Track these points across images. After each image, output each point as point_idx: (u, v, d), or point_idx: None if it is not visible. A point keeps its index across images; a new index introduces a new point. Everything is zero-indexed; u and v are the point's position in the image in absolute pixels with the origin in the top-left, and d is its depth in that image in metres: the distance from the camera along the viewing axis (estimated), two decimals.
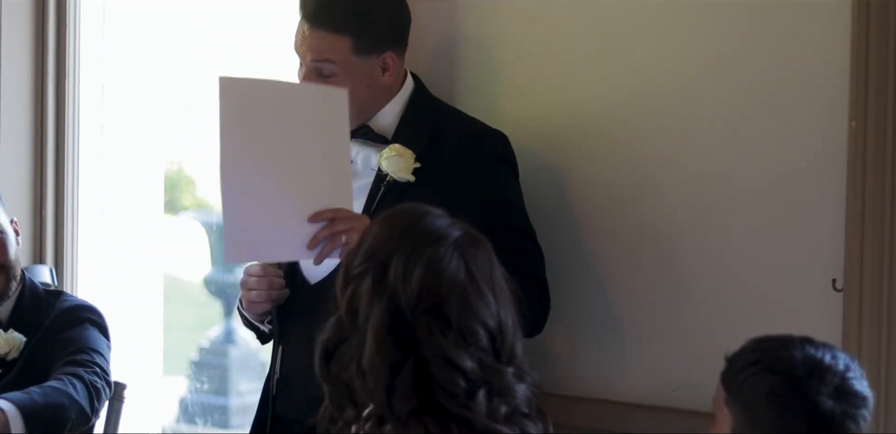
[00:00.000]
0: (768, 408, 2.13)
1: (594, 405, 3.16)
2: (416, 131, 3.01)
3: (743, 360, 2.19)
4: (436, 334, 1.98)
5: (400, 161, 2.95)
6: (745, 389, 2.16)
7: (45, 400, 3.07)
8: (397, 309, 2.00)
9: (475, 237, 2.08)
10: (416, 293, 2.00)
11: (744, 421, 2.17)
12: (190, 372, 5.31)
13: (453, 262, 2.02)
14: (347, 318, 2.03)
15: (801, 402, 2.12)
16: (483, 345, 2.01)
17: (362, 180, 3.02)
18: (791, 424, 2.12)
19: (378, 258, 2.03)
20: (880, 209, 2.76)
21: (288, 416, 3.07)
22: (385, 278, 2.01)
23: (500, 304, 2.04)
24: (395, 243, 2.03)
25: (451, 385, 1.98)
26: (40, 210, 4.19)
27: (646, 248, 3.10)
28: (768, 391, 2.13)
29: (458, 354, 1.99)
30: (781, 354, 2.16)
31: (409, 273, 2.00)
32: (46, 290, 3.46)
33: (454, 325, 1.99)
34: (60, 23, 4.19)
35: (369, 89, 3.01)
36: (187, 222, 5.21)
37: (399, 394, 1.98)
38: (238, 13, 4.53)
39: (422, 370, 1.99)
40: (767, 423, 2.13)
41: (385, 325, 1.99)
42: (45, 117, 4.19)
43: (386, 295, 2.00)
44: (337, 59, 2.96)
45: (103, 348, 3.32)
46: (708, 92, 3.02)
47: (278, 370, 3.06)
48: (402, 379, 1.98)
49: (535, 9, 3.24)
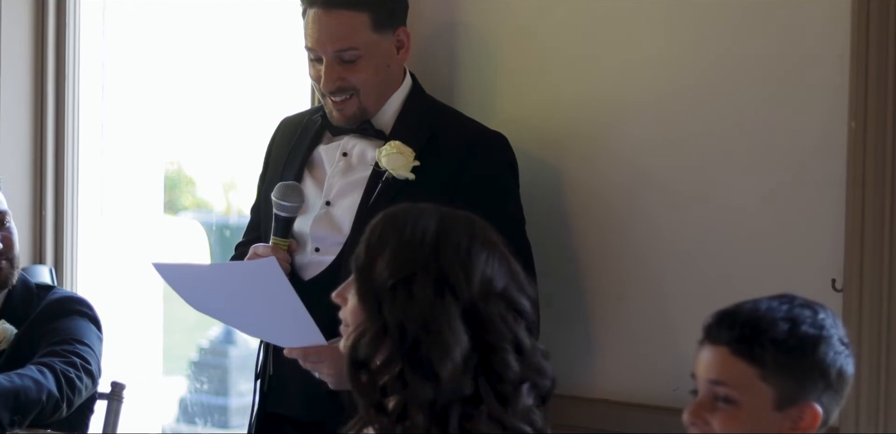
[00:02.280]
0: (810, 357, 2.11)
1: (594, 405, 3.16)
2: (415, 129, 3.01)
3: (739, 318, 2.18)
4: (508, 318, 2.08)
5: (400, 158, 2.95)
6: (793, 357, 2.13)
7: (11, 385, 3.07)
8: (463, 302, 2.06)
9: (477, 219, 2.16)
10: (480, 285, 2.06)
11: (793, 386, 2.11)
12: (190, 372, 5.31)
13: (490, 248, 2.10)
14: (396, 325, 2.06)
15: (828, 337, 2.11)
16: (531, 318, 2.12)
17: (357, 174, 3.03)
18: (839, 363, 2.11)
19: (420, 261, 2.07)
20: (880, 209, 2.76)
21: (281, 413, 3.07)
22: (440, 277, 2.06)
23: (528, 273, 2.16)
24: (431, 243, 2.08)
25: (507, 369, 2.05)
26: (40, 210, 4.20)
27: (646, 247, 3.11)
28: (813, 343, 2.11)
29: (522, 333, 2.09)
30: (759, 311, 2.15)
31: (466, 268, 2.06)
32: (38, 284, 3.46)
33: (515, 305, 2.09)
34: (60, 23, 4.19)
35: (388, 69, 3.03)
36: (187, 222, 5.20)
37: (460, 383, 2.03)
38: (238, 13, 4.53)
39: (483, 359, 2.06)
40: (826, 373, 2.11)
41: (458, 319, 2.05)
42: (44, 117, 4.19)
43: (447, 292, 2.06)
44: (358, 41, 2.97)
45: (91, 339, 3.30)
46: (708, 91, 3.02)
47: (271, 368, 3.07)
48: (468, 368, 2.04)
49: (535, 7, 3.24)
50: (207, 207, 5.18)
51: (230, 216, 5.20)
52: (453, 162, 2.97)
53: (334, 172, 3.05)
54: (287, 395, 3.04)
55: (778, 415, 2.11)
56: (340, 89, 2.99)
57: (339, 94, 3.00)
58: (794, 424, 2.11)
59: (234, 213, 5.18)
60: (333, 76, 2.99)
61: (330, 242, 3.01)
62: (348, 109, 3.01)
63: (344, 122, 3.03)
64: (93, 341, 3.31)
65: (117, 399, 3.43)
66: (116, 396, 3.43)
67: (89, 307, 3.39)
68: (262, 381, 3.08)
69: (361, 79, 2.99)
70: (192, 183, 5.18)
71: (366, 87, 3.00)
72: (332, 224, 3.03)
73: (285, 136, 3.18)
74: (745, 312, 2.16)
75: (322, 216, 3.04)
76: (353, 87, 2.99)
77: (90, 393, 3.29)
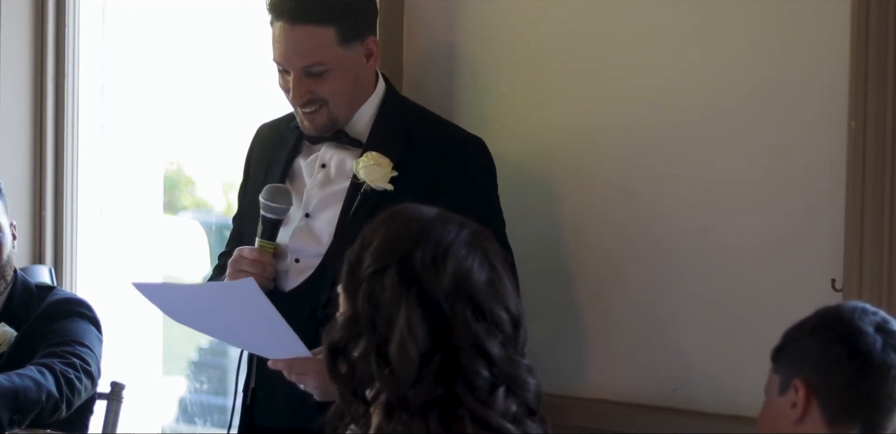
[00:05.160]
0: (812, 342, 2.17)
1: (594, 405, 3.16)
2: (391, 136, 2.99)
3: (790, 328, 2.24)
4: (472, 323, 2.02)
5: (377, 170, 2.93)
6: (790, 343, 2.21)
7: (11, 385, 3.07)
8: (429, 299, 2.02)
9: (484, 230, 2.13)
10: (449, 284, 2.03)
11: (790, 368, 2.19)
12: (189, 372, 5.30)
13: (478, 254, 2.06)
14: (366, 316, 2.04)
15: (843, 328, 2.16)
16: (508, 332, 2.06)
17: (336, 186, 3.01)
18: (834, 351, 2.15)
19: (398, 253, 2.05)
20: (880, 209, 2.76)
21: (267, 425, 3.06)
22: (412, 270, 2.03)
23: (517, 294, 2.10)
24: (413, 238, 2.06)
25: (476, 376, 2.01)
26: (40, 210, 4.20)
27: (645, 248, 3.10)
28: (812, 327, 2.19)
29: (489, 343, 2.03)
30: (823, 309, 2.23)
31: (438, 265, 2.03)
32: (38, 286, 3.46)
33: (486, 313, 2.04)
34: (60, 23, 4.19)
35: (357, 79, 3.00)
36: (187, 222, 5.20)
37: (424, 383, 2.00)
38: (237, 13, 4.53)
39: (450, 361, 2.02)
40: (814, 356, 2.17)
41: (419, 315, 2.01)
42: (44, 117, 4.19)
43: (415, 286, 2.03)
44: (325, 55, 2.94)
45: (91, 340, 3.31)
46: (707, 93, 3.02)
47: (254, 380, 3.06)
48: (430, 368, 2.01)
49: (534, 16, 3.24)
50: (207, 207, 5.18)
51: (230, 216, 5.20)
52: (431, 169, 2.95)
53: (313, 184, 3.03)
54: (274, 407, 3.03)
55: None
56: (310, 101, 2.97)
57: (308, 105, 2.98)
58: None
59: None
60: (302, 90, 2.96)
61: (310, 254, 2.99)
62: (319, 120, 2.99)
63: (315, 131, 3.01)
64: (92, 343, 3.31)
65: (117, 399, 3.43)
66: (116, 396, 3.43)
67: (89, 309, 3.39)
68: (245, 395, 3.08)
69: (330, 91, 2.96)
70: (191, 183, 5.17)
71: (335, 98, 2.97)
72: (312, 236, 3.01)
73: (263, 145, 3.17)
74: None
75: (302, 228, 3.02)
76: (322, 98, 2.97)
77: (89, 394, 3.29)
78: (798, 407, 2.17)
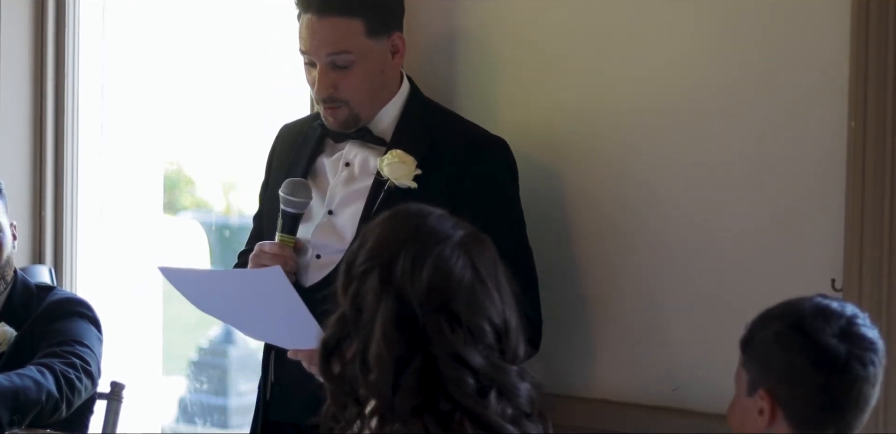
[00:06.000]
0: (776, 349, 2.17)
1: (594, 405, 3.16)
2: (415, 135, 3.00)
3: (756, 318, 2.25)
4: (445, 331, 2.00)
5: (402, 167, 2.94)
6: (757, 340, 2.22)
7: (11, 384, 3.07)
8: (405, 306, 2.02)
9: (480, 237, 2.11)
10: (424, 291, 2.02)
11: (757, 371, 2.20)
12: (189, 372, 5.31)
13: (460, 261, 2.04)
14: (351, 316, 2.04)
15: (805, 339, 2.16)
16: (490, 342, 2.03)
17: (360, 183, 3.02)
18: (797, 362, 2.16)
19: (384, 256, 2.04)
20: (880, 209, 2.76)
21: (283, 420, 3.06)
22: (392, 276, 2.03)
23: (504, 303, 2.07)
24: (400, 242, 2.05)
25: (461, 382, 2.00)
26: (39, 210, 4.19)
27: (645, 248, 3.11)
28: (775, 332, 2.19)
29: (467, 351, 2.01)
30: (790, 303, 2.23)
31: (416, 271, 2.02)
32: (38, 286, 3.46)
33: (463, 322, 2.01)
34: (60, 23, 4.19)
35: (383, 75, 3.02)
36: (186, 222, 5.21)
37: (404, 390, 1.99)
38: (237, 14, 4.53)
39: (429, 368, 2.00)
40: (776, 365, 2.17)
41: (393, 322, 2.01)
42: (44, 117, 4.19)
43: (393, 292, 2.02)
44: (352, 46, 2.96)
45: (91, 340, 3.31)
46: (707, 93, 3.02)
47: (272, 375, 3.07)
48: (407, 375, 1.99)
49: (535, 11, 3.24)
50: (207, 207, 5.19)
51: (230, 216, 5.21)
52: (454, 168, 2.97)
53: (337, 182, 3.04)
54: (289, 401, 3.04)
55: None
56: (332, 98, 2.99)
57: (330, 102, 3.00)
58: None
59: (234, 214, 5.19)
60: (327, 83, 2.97)
61: (332, 250, 3.00)
62: (340, 115, 3.00)
63: (338, 126, 3.03)
64: (92, 343, 3.31)
65: (117, 399, 3.43)
66: (116, 396, 3.43)
67: (89, 308, 3.39)
68: (263, 389, 3.09)
69: (354, 87, 2.97)
70: (191, 183, 5.18)
71: (357, 97, 2.98)
72: (335, 232, 3.02)
73: (286, 144, 3.18)
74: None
75: (324, 224, 3.03)
76: (343, 99, 2.98)
77: (89, 394, 3.29)
78: (765, 415, 2.19)
